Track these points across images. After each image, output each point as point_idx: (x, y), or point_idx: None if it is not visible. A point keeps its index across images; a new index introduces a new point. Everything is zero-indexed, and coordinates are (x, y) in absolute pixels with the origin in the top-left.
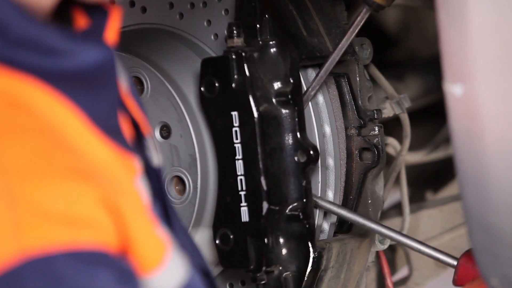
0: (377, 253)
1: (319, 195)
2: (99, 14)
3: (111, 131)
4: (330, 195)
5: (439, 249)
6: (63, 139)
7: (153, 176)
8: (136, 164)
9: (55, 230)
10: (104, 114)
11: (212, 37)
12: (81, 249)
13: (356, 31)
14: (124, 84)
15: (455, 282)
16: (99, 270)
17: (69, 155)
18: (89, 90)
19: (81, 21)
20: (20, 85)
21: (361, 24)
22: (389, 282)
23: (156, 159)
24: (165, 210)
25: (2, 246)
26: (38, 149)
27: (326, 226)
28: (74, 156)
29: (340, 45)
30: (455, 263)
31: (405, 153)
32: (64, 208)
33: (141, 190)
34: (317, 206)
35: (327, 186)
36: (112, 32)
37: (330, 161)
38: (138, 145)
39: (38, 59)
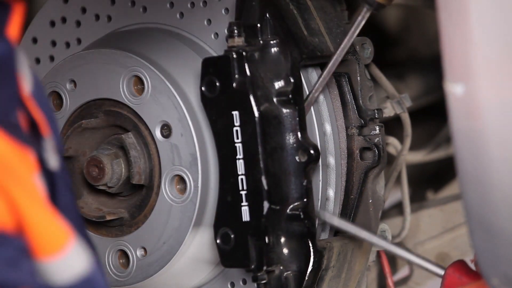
0: (378, 252)
1: (320, 193)
2: (0, 9)
3: (8, 125)
4: (331, 193)
5: (438, 251)
6: None
7: (47, 178)
8: (33, 160)
9: None
10: (0, 108)
11: (212, 36)
12: None
13: (358, 31)
14: (26, 83)
15: None
16: None
17: None
18: None
19: None
20: None
21: (362, 23)
22: (390, 281)
23: (53, 162)
24: None
25: None
26: None
27: (327, 225)
28: None
29: (342, 46)
30: (442, 273)
31: (406, 153)
32: None
33: (40, 185)
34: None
35: (328, 185)
36: (14, 27)
37: (331, 160)
38: (36, 145)
39: None
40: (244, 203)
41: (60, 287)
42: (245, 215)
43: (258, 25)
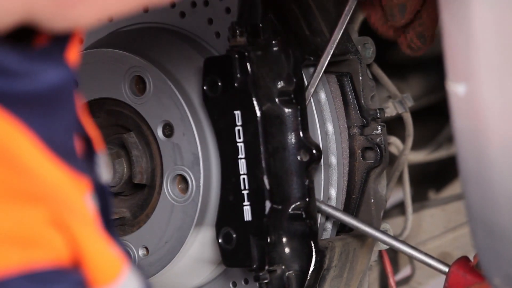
0: (380, 252)
1: (322, 193)
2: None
3: (65, 154)
4: (333, 193)
5: (440, 251)
6: (14, 162)
7: (99, 193)
8: (86, 183)
9: (10, 253)
10: (59, 137)
11: (214, 35)
12: (35, 269)
13: (346, 21)
14: (80, 100)
15: None
16: (55, 287)
17: (20, 178)
18: (45, 112)
19: (41, 38)
20: None
21: (350, 13)
22: (392, 281)
23: (105, 176)
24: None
25: None
26: None
27: (328, 225)
28: (25, 178)
29: (332, 37)
30: (446, 270)
31: (408, 152)
32: (16, 230)
33: (91, 208)
34: (319, 210)
35: (330, 184)
36: (73, 51)
37: (333, 159)
38: (89, 161)
39: None
40: (246, 202)
41: None
42: (247, 215)
43: (260, 24)
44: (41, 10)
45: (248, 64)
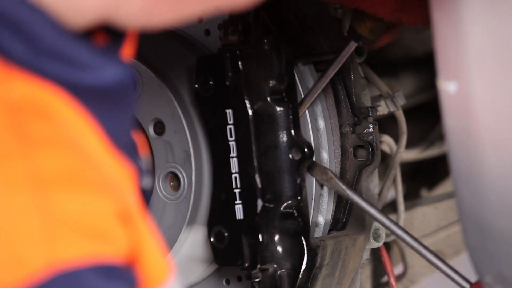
0: (379, 250)
1: (314, 190)
2: (117, 31)
3: (126, 149)
4: (325, 189)
5: (435, 246)
6: (86, 153)
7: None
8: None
9: (83, 243)
10: (121, 132)
11: (203, 33)
12: (102, 262)
13: (341, 63)
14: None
15: None
16: (115, 284)
17: (92, 169)
18: (110, 107)
19: (100, 36)
20: (47, 95)
21: (347, 56)
22: (392, 280)
23: (145, 181)
24: None
25: (33, 258)
26: (66, 161)
27: (320, 223)
28: (96, 170)
29: (325, 75)
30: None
31: (402, 150)
32: (88, 221)
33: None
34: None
35: None
36: (129, 49)
37: (325, 155)
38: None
39: (66, 71)
40: (237, 201)
41: None
42: (239, 213)
43: (252, 23)
44: (126, 12)
45: (240, 63)
